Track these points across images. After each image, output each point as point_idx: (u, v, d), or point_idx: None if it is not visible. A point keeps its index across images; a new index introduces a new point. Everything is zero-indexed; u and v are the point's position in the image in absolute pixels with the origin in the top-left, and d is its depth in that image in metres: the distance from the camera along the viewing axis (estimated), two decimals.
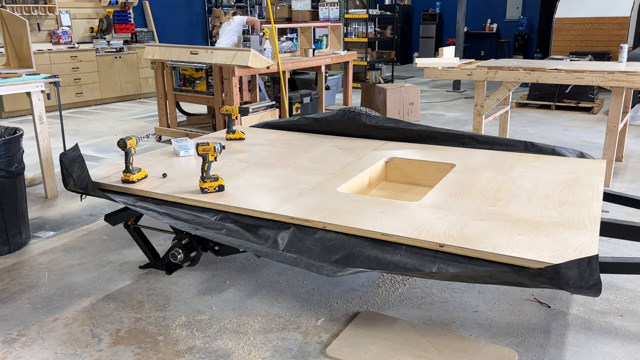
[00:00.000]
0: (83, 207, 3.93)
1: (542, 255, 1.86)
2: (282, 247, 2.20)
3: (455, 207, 2.32)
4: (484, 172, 2.78)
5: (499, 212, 2.25)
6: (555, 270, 1.76)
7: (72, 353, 2.22)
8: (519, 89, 8.86)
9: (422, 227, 2.12)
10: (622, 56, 4.97)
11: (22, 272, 2.95)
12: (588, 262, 1.73)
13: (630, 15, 9.11)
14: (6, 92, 3.87)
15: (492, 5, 13.85)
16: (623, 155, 5.05)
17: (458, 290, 2.67)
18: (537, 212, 2.25)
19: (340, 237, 2.16)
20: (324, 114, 3.78)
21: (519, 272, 1.82)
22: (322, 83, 6.67)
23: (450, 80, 5.54)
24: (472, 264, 1.93)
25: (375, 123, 3.48)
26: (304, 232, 2.23)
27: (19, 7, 7.97)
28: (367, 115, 3.55)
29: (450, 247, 1.97)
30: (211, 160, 2.54)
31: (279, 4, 10.59)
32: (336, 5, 8.98)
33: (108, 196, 2.62)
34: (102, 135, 6.52)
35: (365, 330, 2.32)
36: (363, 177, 2.85)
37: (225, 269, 2.91)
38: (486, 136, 3.32)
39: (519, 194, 2.46)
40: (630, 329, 2.34)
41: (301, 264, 2.11)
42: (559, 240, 1.99)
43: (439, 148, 3.25)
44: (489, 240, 1.98)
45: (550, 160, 2.99)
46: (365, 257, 2.06)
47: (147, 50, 5.89)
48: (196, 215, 2.43)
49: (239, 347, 2.24)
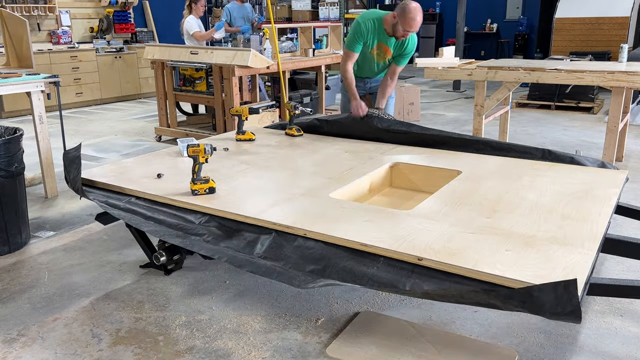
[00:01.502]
0: (83, 207, 3.93)
1: (524, 275, 1.70)
2: (261, 253, 2.12)
3: (447, 218, 2.19)
4: (489, 181, 2.64)
5: (492, 225, 2.11)
6: (528, 293, 1.59)
7: (72, 353, 2.22)
8: (519, 89, 8.84)
9: (405, 238, 2.01)
10: (622, 56, 4.97)
11: (22, 272, 2.95)
12: (565, 286, 1.53)
13: (630, 15, 9.11)
14: (6, 92, 3.87)
15: (492, 5, 13.84)
16: (623, 155, 5.05)
17: None
18: (534, 226, 2.09)
19: (320, 245, 2.06)
20: (337, 115, 3.73)
21: (489, 293, 1.66)
22: (322, 83, 6.67)
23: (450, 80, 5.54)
24: (450, 280, 1.78)
25: (387, 126, 3.40)
26: (284, 239, 2.14)
27: (19, 7, 7.97)
28: (379, 118, 3.49)
29: (429, 261, 1.84)
30: (202, 162, 2.53)
31: (279, 4, 10.59)
32: (336, 5, 8.99)
33: (96, 201, 2.61)
34: (102, 135, 6.52)
35: (365, 330, 2.32)
36: (363, 182, 2.78)
37: (225, 269, 2.91)
38: (502, 143, 3.19)
39: (520, 206, 2.31)
40: (630, 329, 2.34)
41: (274, 274, 2.01)
42: (549, 258, 1.83)
43: (448, 153, 3.15)
44: (471, 256, 1.84)
45: (565, 169, 2.83)
46: (340, 268, 1.95)
47: (147, 50, 5.89)
48: (183, 218, 2.40)
49: (239, 347, 2.24)
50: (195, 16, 6.44)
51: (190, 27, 6.39)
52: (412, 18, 3.43)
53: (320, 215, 2.25)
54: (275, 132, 3.84)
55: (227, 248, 2.20)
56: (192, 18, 6.41)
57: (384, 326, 2.34)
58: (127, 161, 3.12)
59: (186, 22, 6.42)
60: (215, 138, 3.70)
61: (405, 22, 3.45)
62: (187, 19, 6.41)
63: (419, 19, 3.45)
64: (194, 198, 2.49)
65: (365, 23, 3.63)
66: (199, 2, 6.38)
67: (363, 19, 3.66)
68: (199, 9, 6.43)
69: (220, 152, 3.26)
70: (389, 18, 3.60)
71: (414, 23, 3.45)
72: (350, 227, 2.12)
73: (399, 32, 3.54)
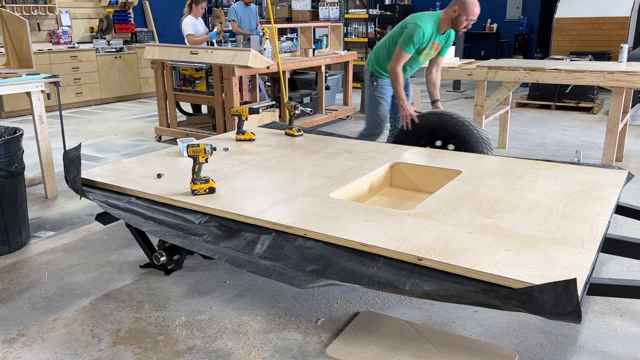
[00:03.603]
0: (83, 207, 3.93)
1: (524, 275, 1.71)
2: (261, 253, 2.12)
3: (447, 218, 2.19)
4: (490, 181, 2.65)
5: (492, 225, 2.11)
6: (527, 293, 1.59)
7: (72, 353, 2.22)
8: (519, 89, 8.85)
9: (405, 238, 2.00)
10: (622, 56, 4.98)
11: (22, 272, 2.95)
12: (565, 286, 1.53)
13: (630, 15, 9.11)
14: (6, 92, 3.87)
15: (492, 5, 13.84)
16: (623, 155, 5.05)
17: None
18: (534, 226, 2.10)
19: (320, 245, 2.06)
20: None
21: (489, 292, 1.66)
22: (322, 83, 6.67)
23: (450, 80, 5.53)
24: (450, 280, 1.79)
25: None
26: (284, 239, 2.14)
27: (19, 7, 7.97)
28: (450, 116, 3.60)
29: (429, 261, 1.84)
30: (202, 162, 2.52)
31: (279, 4, 10.59)
32: (336, 5, 8.99)
33: (96, 201, 2.61)
34: (102, 135, 6.52)
35: (365, 330, 2.32)
36: (363, 182, 2.77)
37: (225, 269, 2.91)
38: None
39: (520, 206, 2.32)
40: (630, 329, 2.34)
41: (274, 274, 2.01)
42: (549, 258, 1.83)
43: (448, 153, 3.15)
44: (472, 256, 1.85)
45: (566, 169, 2.83)
46: (340, 268, 1.95)
47: (147, 50, 5.89)
48: (182, 218, 2.40)
49: (239, 347, 2.24)
50: (194, 17, 6.43)
51: (185, 28, 6.39)
52: (474, 5, 3.67)
53: (320, 215, 2.25)
54: (275, 132, 3.84)
55: (227, 248, 2.20)
56: (190, 19, 6.40)
57: (384, 326, 2.34)
58: (127, 161, 3.12)
59: (183, 23, 6.42)
60: (215, 138, 3.70)
61: (468, 12, 3.67)
62: (185, 19, 6.41)
63: (478, 6, 3.70)
64: (194, 198, 2.49)
65: (426, 28, 3.75)
66: (199, 4, 6.37)
67: (424, 24, 3.76)
68: (199, 11, 6.43)
69: (220, 152, 3.26)
70: (447, 14, 3.77)
71: (477, 10, 3.69)
72: (350, 227, 2.12)
73: (461, 23, 3.73)
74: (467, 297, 1.71)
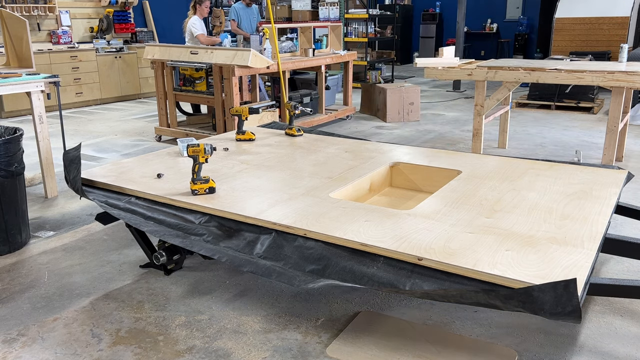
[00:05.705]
0: (83, 207, 3.93)
1: (524, 275, 1.71)
2: (261, 253, 2.12)
3: (447, 218, 2.19)
4: (490, 181, 2.65)
5: (492, 225, 2.12)
6: (527, 293, 1.59)
7: (72, 353, 2.22)
8: (519, 89, 8.86)
9: (405, 237, 2.00)
10: (622, 56, 4.97)
11: (22, 272, 2.95)
12: (565, 286, 1.53)
13: (630, 15, 9.11)
14: (6, 92, 3.86)
15: (492, 5, 13.85)
16: (623, 155, 5.05)
17: None
18: (534, 226, 2.10)
19: (320, 245, 2.06)
20: None
21: (489, 292, 1.66)
22: (322, 83, 6.67)
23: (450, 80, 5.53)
24: (450, 280, 1.79)
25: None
26: (284, 239, 2.14)
27: (19, 7, 7.97)
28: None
29: (429, 261, 1.84)
30: (202, 162, 2.53)
31: (279, 4, 10.58)
32: (336, 5, 8.98)
33: (96, 201, 2.61)
34: (102, 135, 6.52)
35: (365, 330, 2.32)
36: (363, 182, 2.78)
37: (225, 269, 2.91)
38: None
39: (520, 206, 2.32)
40: (630, 329, 2.34)
41: (274, 274, 2.01)
42: (549, 257, 1.83)
43: (448, 153, 3.15)
44: (472, 255, 1.85)
45: (566, 169, 2.83)
46: (340, 268, 1.95)
47: (147, 50, 5.89)
48: (182, 218, 2.40)
49: (239, 347, 2.24)
50: (200, 17, 6.44)
51: (195, 28, 6.40)
52: None
53: (320, 215, 2.25)
54: (275, 132, 3.84)
55: (227, 248, 2.20)
56: (197, 19, 6.41)
57: (384, 326, 2.34)
58: (127, 161, 3.12)
59: (190, 23, 6.42)
60: (215, 138, 3.70)
61: None
62: (192, 19, 6.41)
63: None
64: (194, 198, 2.49)
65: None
66: (203, 3, 6.38)
67: None
68: (204, 10, 6.43)
69: (220, 152, 3.26)
70: None
71: None
72: (350, 227, 2.12)
73: None
74: (467, 297, 1.71)
